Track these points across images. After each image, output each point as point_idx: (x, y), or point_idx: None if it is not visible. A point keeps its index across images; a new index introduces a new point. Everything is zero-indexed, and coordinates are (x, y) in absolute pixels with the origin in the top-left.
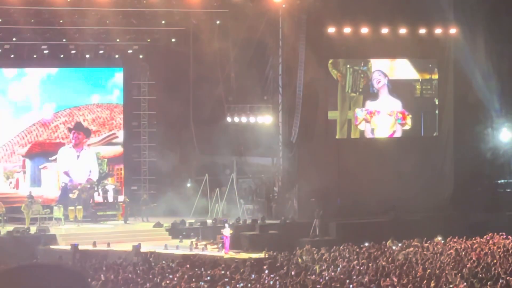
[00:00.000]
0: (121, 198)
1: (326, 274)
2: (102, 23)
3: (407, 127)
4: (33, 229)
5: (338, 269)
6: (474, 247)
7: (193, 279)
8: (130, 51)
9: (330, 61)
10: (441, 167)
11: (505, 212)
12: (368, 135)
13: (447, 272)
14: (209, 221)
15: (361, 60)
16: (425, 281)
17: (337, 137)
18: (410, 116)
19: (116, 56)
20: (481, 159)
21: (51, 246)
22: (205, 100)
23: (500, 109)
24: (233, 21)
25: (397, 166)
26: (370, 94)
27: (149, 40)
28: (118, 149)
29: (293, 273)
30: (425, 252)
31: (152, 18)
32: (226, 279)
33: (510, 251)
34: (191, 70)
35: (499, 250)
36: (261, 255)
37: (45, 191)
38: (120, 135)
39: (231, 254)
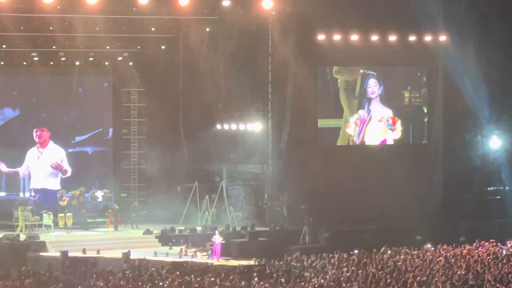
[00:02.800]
0: (110, 205)
1: (316, 282)
2: (92, 30)
3: (397, 134)
4: (22, 236)
5: (328, 276)
6: (463, 254)
7: (183, 286)
8: (119, 58)
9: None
10: (431, 174)
11: (495, 220)
12: (356, 139)
13: (437, 279)
14: (198, 228)
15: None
16: None
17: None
18: (400, 122)
19: (106, 63)
20: (470, 167)
21: (41, 253)
22: (195, 107)
23: (489, 116)
24: (223, 28)
25: (387, 173)
26: (363, 102)
27: (138, 47)
28: (106, 150)
29: (282, 280)
30: (415, 260)
31: (142, 25)
32: (216, 286)
33: (500, 258)
34: (181, 77)
35: (488, 257)
36: (251, 262)
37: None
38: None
39: (220, 261)
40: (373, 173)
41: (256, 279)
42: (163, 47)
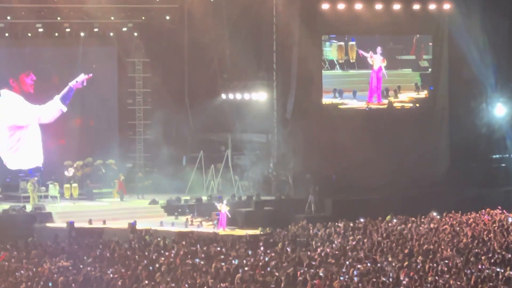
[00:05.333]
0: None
1: (322, 250)
2: (96, 1)
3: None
4: (29, 207)
5: (333, 245)
6: (469, 222)
7: (189, 256)
8: (124, 29)
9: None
10: (436, 142)
11: (500, 187)
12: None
13: (443, 247)
14: (204, 198)
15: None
16: (420, 257)
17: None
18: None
19: (111, 34)
20: (476, 134)
21: (47, 224)
22: (200, 77)
23: (495, 84)
24: None
25: (392, 142)
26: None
27: (143, 17)
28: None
29: (288, 249)
30: (420, 228)
31: None
32: (222, 256)
33: (506, 226)
34: (186, 47)
35: (494, 225)
36: (257, 231)
37: None
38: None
39: (226, 230)
40: (379, 141)
41: (262, 248)
42: (167, 18)
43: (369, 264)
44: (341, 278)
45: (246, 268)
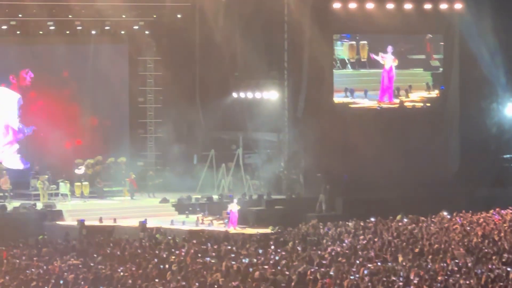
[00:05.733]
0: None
1: (332, 249)
2: None
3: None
4: (39, 205)
5: (344, 244)
6: (480, 222)
7: (199, 255)
8: (136, 27)
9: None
10: (447, 142)
11: (511, 187)
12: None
13: (453, 247)
14: (215, 197)
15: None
16: (430, 256)
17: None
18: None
19: (122, 32)
20: (487, 134)
21: (58, 222)
22: (211, 75)
23: (506, 84)
24: None
25: (403, 141)
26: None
27: (155, 16)
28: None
29: (299, 248)
30: (430, 227)
31: None
32: (233, 255)
33: None
34: (197, 45)
35: (505, 225)
36: (267, 230)
37: None
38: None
39: (237, 229)
40: (390, 141)
41: (272, 247)
42: (179, 16)
43: (379, 264)
44: (352, 277)
45: (256, 267)
